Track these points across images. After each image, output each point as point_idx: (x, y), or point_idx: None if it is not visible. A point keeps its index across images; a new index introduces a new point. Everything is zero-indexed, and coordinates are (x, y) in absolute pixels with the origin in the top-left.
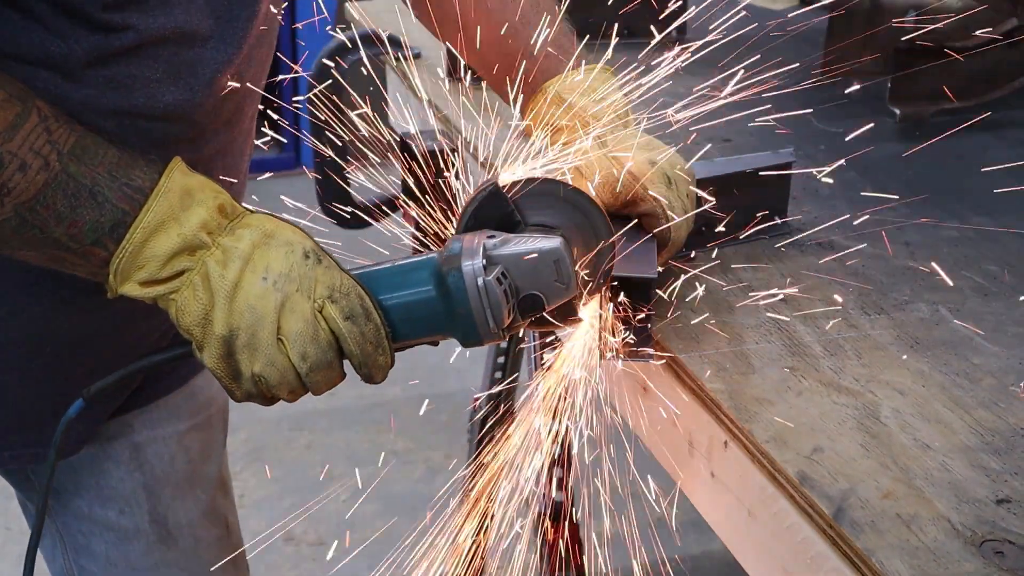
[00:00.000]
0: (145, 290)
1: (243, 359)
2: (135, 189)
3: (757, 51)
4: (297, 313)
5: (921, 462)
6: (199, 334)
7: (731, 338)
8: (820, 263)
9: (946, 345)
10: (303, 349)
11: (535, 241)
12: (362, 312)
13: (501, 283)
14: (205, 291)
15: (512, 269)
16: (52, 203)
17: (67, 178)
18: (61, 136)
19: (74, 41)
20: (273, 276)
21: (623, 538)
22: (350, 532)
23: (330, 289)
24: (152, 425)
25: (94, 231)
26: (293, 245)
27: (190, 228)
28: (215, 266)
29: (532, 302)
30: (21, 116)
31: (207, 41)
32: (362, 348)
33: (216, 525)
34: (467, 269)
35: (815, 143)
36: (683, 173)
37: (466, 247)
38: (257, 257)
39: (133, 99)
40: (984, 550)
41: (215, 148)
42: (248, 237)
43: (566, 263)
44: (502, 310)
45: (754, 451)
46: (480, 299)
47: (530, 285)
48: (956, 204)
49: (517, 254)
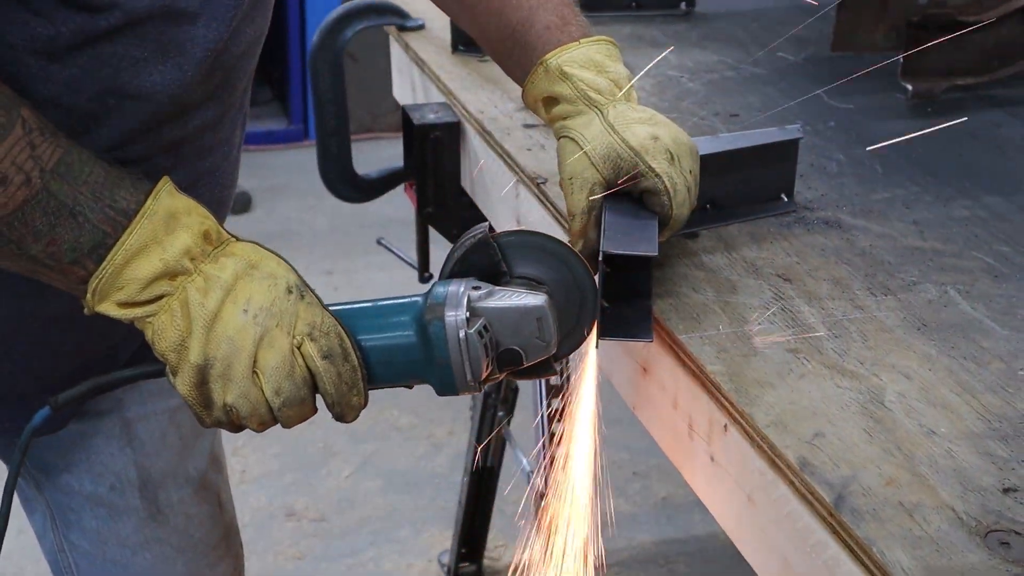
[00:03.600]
0: (123, 311)
1: (216, 388)
2: (119, 211)
3: (767, 25)
4: (275, 348)
5: (926, 448)
6: (174, 360)
7: (733, 319)
8: (826, 242)
9: (954, 328)
10: (278, 384)
11: (520, 296)
12: (340, 352)
13: (482, 336)
14: (184, 318)
15: (494, 323)
16: (31, 220)
17: (48, 196)
18: (45, 152)
19: (60, 22)
20: (254, 309)
21: (623, 518)
22: (352, 508)
23: (310, 327)
24: (143, 401)
25: (73, 251)
26: (277, 278)
27: (172, 254)
28: (195, 294)
29: (511, 357)
30: (5, 128)
31: (196, 19)
32: (337, 388)
33: (208, 502)
34: (449, 320)
35: (824, 119)
36: (686, 148)
37: (451, 296)
38: (239, 288)
39: (120, 79)
40: (989, 540)
41: (203, 123)
42: (231, 267)
43: (549, 321)
44: (481, 363)
45: (754, 435)
46: (460, 351)
47: (511, 340)
48: (967, 183)
49: (501, 308)
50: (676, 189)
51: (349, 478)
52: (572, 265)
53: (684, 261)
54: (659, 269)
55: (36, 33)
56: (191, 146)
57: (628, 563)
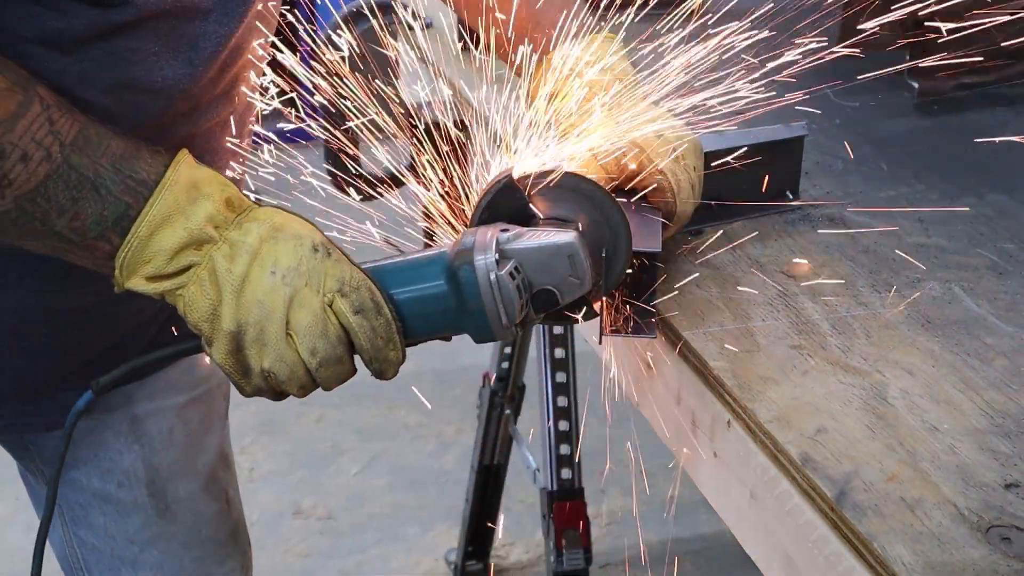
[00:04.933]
0: (152, 285)
1: (252, 354)
2: (139, 182)
3: (772, 23)
4: (306, 307)
5: (928, 444)
6: (207, 329)
7: (737, 315)
8: (831, 239)
9: (958, 324)
10: (312, 344)
11: (549, 235)
12: (373, 306)
13: (514, 278)
14: (213, 286)
15: (525, 263)
16: (53, 195)
17: (69, 169)
18: (64, 126)
19: (73, 16)
20: (281, 270)
21: (629, 516)
22: (359, 506)
23: (340, 283)
24: (151, 397)
25: (97, 224)
26: (302, 238)
27: (196, 222)
28: (222, 261)
29: (546, 297)
30: (23, 105)
31: (208, 14)
32: (373, 343)
33: (216, 499)
34: (479, 264)
35: (830, 117)
36: (691, 145)
37: (479, 241)
38: (265, 251)
39: (132, 73)
40: (991, 536)
41: (214, 119)
42: (255, 231)
43: (580, 258)
44: (515, 305)
45: (757, 431)
46: (493, 294)
47: (544, 280)
48: (972, 180)
49: (531, 248)
50: (680, 186)
51: (357, 476)
52: (600, 202)
53: (688, 258)
54: (663, 265)
55: (49, 26)
56: (203, 141)
57: (634, 562)
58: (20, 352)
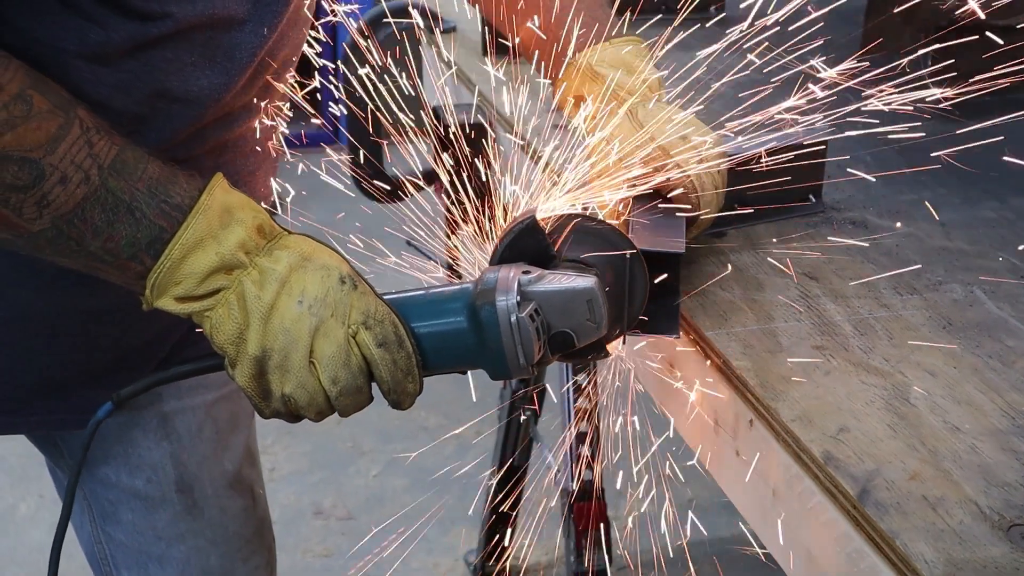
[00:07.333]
0: (181, 306)
1: (274, 379)
2: (173, 207)
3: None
4: (331, 338)
5: (950, 444)
6: (232, 352)
7: (759, 316)
8: (853, 242)
9: (979, 327)
10: (334, 373)
11: (570, 279)
12: (395, 340)
13: (533, 320)
14: (241, 311)
15: (545, 306)
16: (90, 217)
17: (106, 193)
18: (102, 149)
19: (112, 29)
20: (309, 300)
21: (648, 518)
22: (379, 507)
23: (365, 315)
24: (180, 395)
25: (130, 246)
26: (330, 269)
27: (228, 247)
28: (251, 287)
29: (563, 339)
30: (63, 128)
31: (244, 25)
32: (393, 375)
33: (242, 495)
34: (501, 305)
35: (852, 122)
36: (715, 149)
37: (501, 281)
38: (294, 280)
39: (168, 83)
40: (1012, 534)
41: (245, 125)
42: (285, 259)
43: (599, 303)
44: (533, 347)
45: (779, 430)
46: (512, 335)
47: (562, 323)
48: (994, 185)
49: (551, 292)
50: (704, 188)
51: (377, 477)
52: (620, 246)
53: (712, 259)
54: (687, 267)
55: (88, 39)
56: (234, 147)
57: (653, 565)
58: (52, 350)
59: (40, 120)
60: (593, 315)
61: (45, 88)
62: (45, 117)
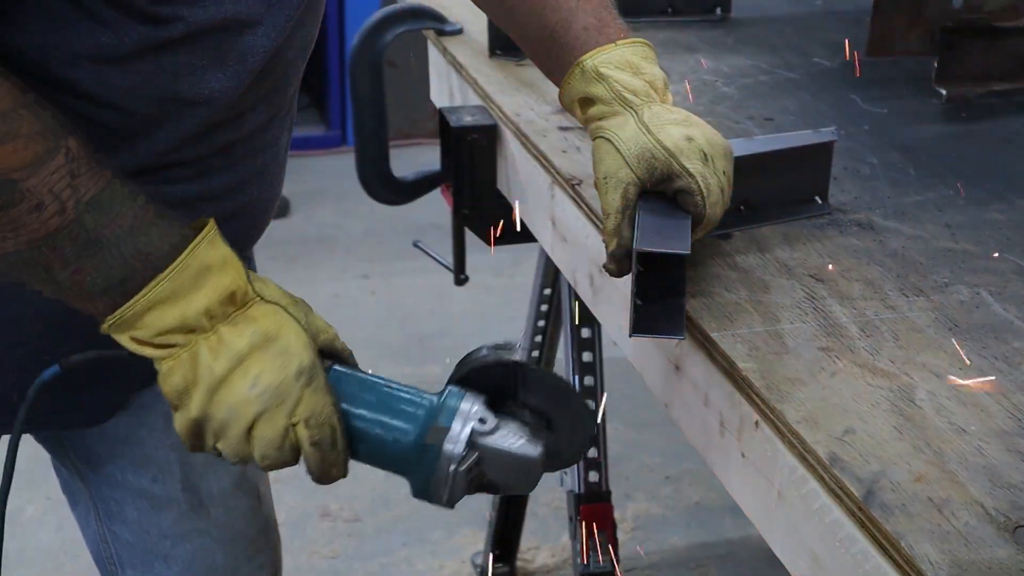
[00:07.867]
0: (134, 345)
1: (208, 436)
2: (151, 252)
3: (801, 29)
4: (272, 423)
5: (955, 446)
6: (175, 402)
7: (765, 318)
8: (859, 244)
9: (986, 329)
10: (265, 452)
11: (519, 442)
12: (330, 444)
13: (470, 472)
14: (191, 371)
15: (487, 460)
16: (60, 247)
17: (80, 228)
18: (84, 183)
19: (124, 33)
20: (261, 387)
21: (655, 521)
22: (386, 509)
23: (310, 413)
24: None
25: (94, 284)
26: (290, 357)
27: (192, 312)
28: (206, 354)
29: (489, 486)
30: (47, 154)
31: (256, 27)
32: (320, 468)
33: (248, 495)
34: (447, 450)
35: (858, 123)
36: (721, 150)
37: (454, 429)
38: (251, 361)
39: (178, 86)
40: (1018, 536)
41: (255, 126)
42: (248, 336)
43: (538, 475)
44: (459, 493)
45: (785, 431)
46: (445, 480)
47: (496, 476)
48: (1001, 187)
49: (498, 451)
50: (710, 189)
51: (383, 479)
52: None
53: (717, 261)
54: (692, 268)
55: (100, 42)
56: (243, 147)
57: (659, 566)
58: (63, 349)
59: (25, 141)
60: (528, 482)
61: (37, 111)
62: (25, 141)
